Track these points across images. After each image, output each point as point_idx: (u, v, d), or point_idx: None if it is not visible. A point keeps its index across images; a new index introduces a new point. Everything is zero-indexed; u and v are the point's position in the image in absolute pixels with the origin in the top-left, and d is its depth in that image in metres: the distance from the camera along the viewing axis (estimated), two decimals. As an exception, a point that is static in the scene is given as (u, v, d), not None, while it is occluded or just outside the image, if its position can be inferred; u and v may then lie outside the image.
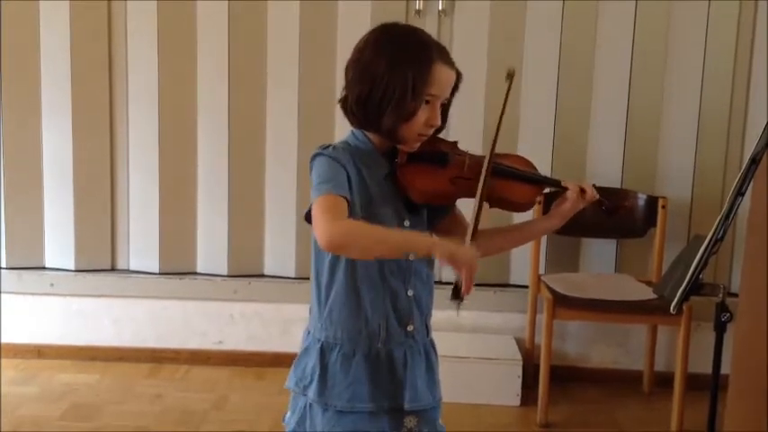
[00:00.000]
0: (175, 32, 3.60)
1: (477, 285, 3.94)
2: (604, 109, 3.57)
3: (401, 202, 1.69)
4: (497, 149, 1.72)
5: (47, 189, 3.71)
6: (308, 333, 1.76)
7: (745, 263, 2.55)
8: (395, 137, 1.67)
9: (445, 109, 1.70)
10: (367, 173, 1.66)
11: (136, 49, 3.62)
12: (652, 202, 3.47)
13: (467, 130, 3.50)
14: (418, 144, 1.69)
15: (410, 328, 1.72)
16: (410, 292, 1.71)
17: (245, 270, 3.73)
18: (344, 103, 1.70)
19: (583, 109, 3.57)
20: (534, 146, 3.53)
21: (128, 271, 3.77)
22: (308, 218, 1.62)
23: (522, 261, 3.58)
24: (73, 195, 3.69)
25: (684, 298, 1.91)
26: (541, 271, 3.52)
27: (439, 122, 1.68)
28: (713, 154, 3.56)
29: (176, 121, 3.65)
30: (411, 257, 1.69)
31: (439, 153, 1.71)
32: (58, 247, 3.74)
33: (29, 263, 3.75)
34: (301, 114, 3.57)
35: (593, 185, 1.80)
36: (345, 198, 1.59)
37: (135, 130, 3.67)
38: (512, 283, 3.69)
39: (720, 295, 1.95)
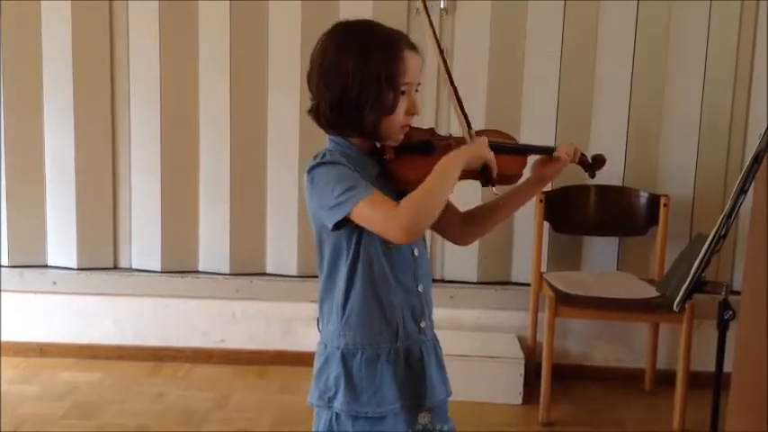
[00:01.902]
0: (177, 31, 3.60)
1: (478, 284, 3.93)
2: (606, 107, 3.56)
3: (395, 196, 1.66)
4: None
5: (49, 188, 3.71)
6: (325, 346, 1.72)
7: (748, 261, 2.56)
8: (377, 134, 1.65)
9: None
10: (362, 173, 1.64)
11: (137, 48, 3.62)
12: (654, 200, 3.47)
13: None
14: (402, 136, 1.68)
15: (423, 324, 1.72)
16: (420, 288, 1.72)
17: (247, 268, 3.73)
18: (316, 112, 1.67)
19: (584, 107, 3.57)
20: (536, 143, 3.52)
21: (130, 269, 3.77)
22: (335, 226, 1.60)
23: (524, 259, 3.58)
24: (75, 194, 3.69)
25: (687, 296, 1.91)
26: (543, 269, 3.52)
27: (419, 110, 1.67)
28: (715, 152, 3.56)
29: (178, 119, 3.65)
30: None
31: (424, 142, 1.72)
32: (60, 246, 3.74)
33: (31, 261, 3.75)
34: (303, 113, 3.54)
35: (571, 144, 1.83)
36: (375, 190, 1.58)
37: (137, 129, 3.67)
38: (513, 281, 3.69)
39: (723, 293, 1.95)
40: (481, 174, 1.67)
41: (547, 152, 1.80)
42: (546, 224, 3.50)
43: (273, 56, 3.61)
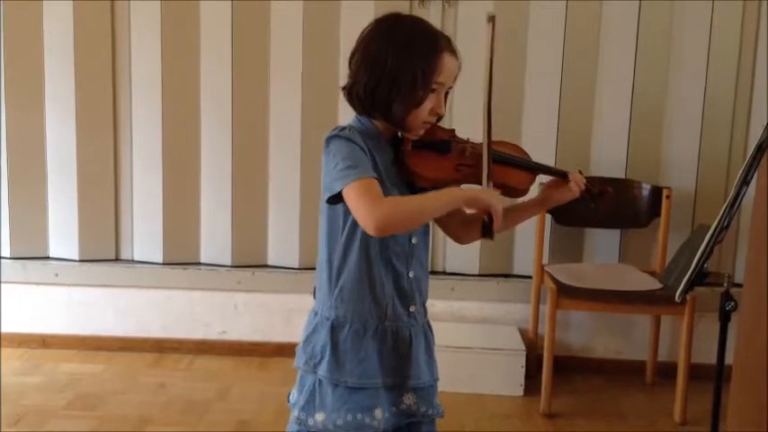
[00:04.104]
0: (179, 25, 3.60)
1: (480, 276, 3.94)
2: (609, 99, 3.56)
3: (405, 188, 1.73)
4: (496, 132, 1.78)
5: (51, 179, 3.71)
6: (315, 314, 1.78)
7: (750, 252, 2.55)
8: (402, 124, 1.71)
9: (445, 96, 1.74)
10: (377, 156, 1.70)
11: (139, 41, 3.62)
12: (656, 192, 3.47)
13: (471, 119, 3.50)
14: (422, 131, 1.73)
15: (412, 308, 1.77)
16: (411, 274, 1.76)
17: (249, 260, 3.73)
18: (350, 90, 1.72)
19: (587, 99, 3.56)
20: (538, 136, 3.53)
21: (132, 261, 3.78)
22: (331, 200, 1.65)
23: (526, 251, 3.59)
24: (77, 186, 3.69)
25: (689, 287, 1.91)
26: (545, 261, 3.52)
27: (444, 111, 1.73)
28: (717, 144, 3.55)
29: (180, 111, 3.65)
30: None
31: (442, 141, 1.77)
32: (62, 238, 3.75)
33: (33, 253, 3.76)
34: (305, 106, 3.57)
35: (579, 171, 1.87)
36: (375, 177, 1.62)
37: (138, 121, 3.67)
38: (515, 273, 3.69)
39: (725, 284, 1.95)
40: (484, 224, 1.69)
41: (558, 175, 1.85)
42: (548, 216, 3.50)
43: (275, 47, 3.60)
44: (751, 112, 3.53)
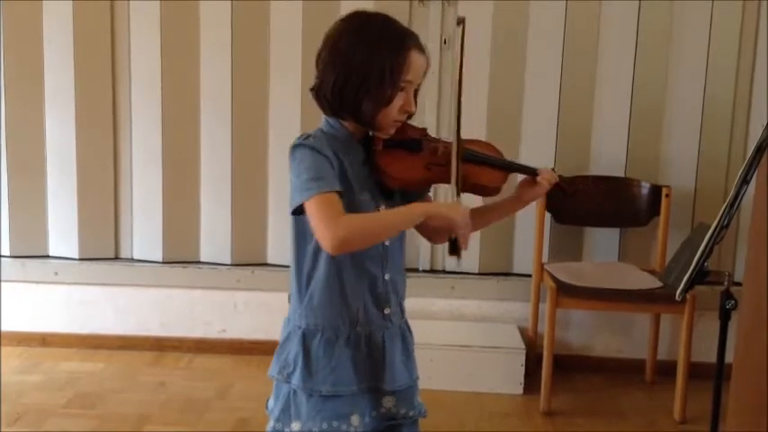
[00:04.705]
0: (178, 21, 3.59)
1: (480, 275, 3.94)
2: (608, 98, 3.56)
3: (377, 189, 1.72)
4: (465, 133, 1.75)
5: (50, 178, 3.71)
6: (288, 321, 1.78)
7: (750, 251, 2.55)
8: (372, 123, 1.69)
9: (415, 94, 1.72)
10: (345, 160, 1.68)
11: (139, 38, 3.61)
12: (656, 191, 3.47)
13: (471, 117, 3.50)
14: (393, 130, 1.72)
15: (387, 311, 1.75)
16: (387, 276, 1.75)
17: (249, 259, 3.73)
18: (318, 90, 1.71)
19: (587, 98, 3.56)
20: (538, 135, 3.53)
21: (131, 260, 3.78)
22: (295, 212, 1.64)
23: (526, 250, 3.59)
24: (76, 184, 3.69)
25: (690, 285, 1.91)
26: (545, 260, 3.52)
27: (414, 109, 1.71)
28: (717, 143, 3.55)
29: (179, 109, 3.65)
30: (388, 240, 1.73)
31: (413, 140, 1.75)
32: (62, 236, 3.75)
33: (33, 251, 3.76)
34: (304, 104, 3.56)
35: (553, 169, 1.85)
36: (337, 191, 1.60)
37: (138, 119, 3.67)
38: (515, 272, 3.69)
39: (725, 283, 1.95)
40: (450, 242, 1.67)
41: (529, 173, 1.84)
42: (547, 215, 3.50)
43: (275, 46, 3.60)
44: (750, 110, 3.53)
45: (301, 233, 1.69)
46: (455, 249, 1.65)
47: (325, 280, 1.70)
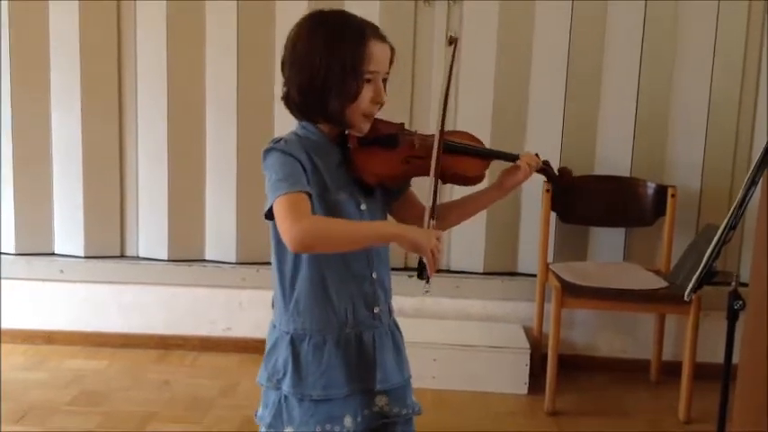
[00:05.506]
0: (184, 17, 3.59)
1: (485, 274, 3.92)
2: (614, 98, 3.55)
3: (356, 187, 1.70)
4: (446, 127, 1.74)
5: (56, 176, 3.72)
6: (274, 327, 1.76)
7: (756, 252, 2.55)
8: (342, 120, 1.68)
9: (384, 84, 1.71)
10: (320, 162, 1.67)
11: (145, 34, 3.62)
12: (661, 191, 3.46)
13: (476, 114, 3.52)
14: (367, 126, 1.71)
15: (376, 309, 1.74)
16: (374, 275, 1.73)
17: (254, 257, 3.73)
18: (287, 98, 1.72)
19: (592, 98, 3.56)
20: (543, 135, 3.53)
21: (137, 258, 3.78)
22: (268, 215, 1.63)
23: (531, 250, 3.58)
24: (82, 182, 3.70)
25: (698, 286, 1.91)
26: (550, 260, 3.52)
27: (384, 99, 1.69)
28: (723, 144, 3.54)
29: (185, 107, 3.65)
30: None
31: (389, 135, 1.74)
32: (68, 234, 3.75)
33: (38, 249, 3.77)
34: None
35: (536, 155, 1.84)
36: (306, 192, 1.59)
37: (144, 117, 3.67)
38: (520, 271, 3.69)
39: (733, 283, 1.94)
40: (419, 265, 1.64)
41: (509, 159, 1.82)
42: (552, 214, 3.50)
43: (281, 44, 3.58)
44: (756, 110, 3.52)
45: (280, 237, 1.66)
46: (421, 274, 1.63)
47: (309, 283, 1.68)
